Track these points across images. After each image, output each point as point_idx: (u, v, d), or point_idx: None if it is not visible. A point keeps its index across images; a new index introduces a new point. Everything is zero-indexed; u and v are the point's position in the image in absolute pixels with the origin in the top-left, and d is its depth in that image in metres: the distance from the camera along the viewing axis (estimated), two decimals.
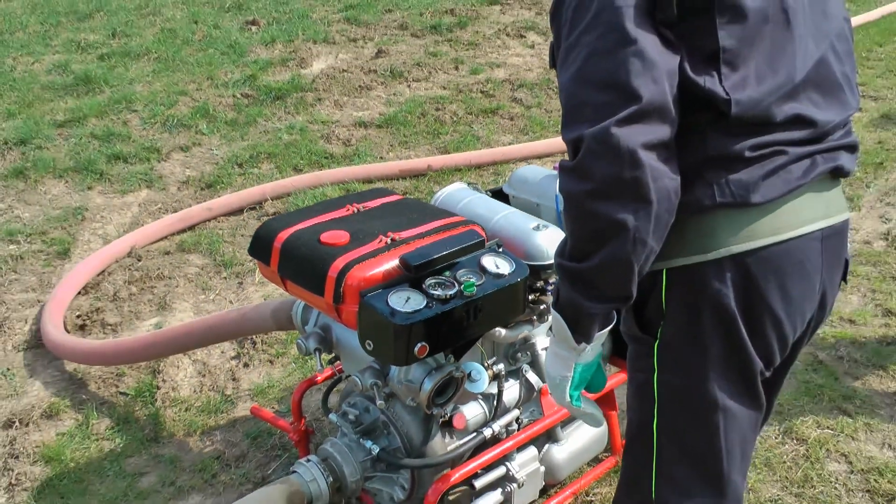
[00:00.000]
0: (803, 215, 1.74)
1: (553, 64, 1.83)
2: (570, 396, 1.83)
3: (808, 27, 1.75)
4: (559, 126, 1.70)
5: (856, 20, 8.26)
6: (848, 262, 1.92)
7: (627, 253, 1.58)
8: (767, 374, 1.84)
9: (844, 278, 1.92)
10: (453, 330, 2.28)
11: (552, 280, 2.59)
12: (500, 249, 2.44)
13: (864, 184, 5.22)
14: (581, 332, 1.72)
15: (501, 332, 2.55)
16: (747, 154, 1.67)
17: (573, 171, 1.57)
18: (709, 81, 1.63)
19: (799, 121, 1.71)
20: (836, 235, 1.81)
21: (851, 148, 1.83)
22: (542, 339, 2.70)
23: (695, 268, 1.73)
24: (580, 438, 2.84)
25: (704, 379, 1.78)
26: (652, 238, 1.58)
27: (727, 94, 1.63)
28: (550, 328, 1.82)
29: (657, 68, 1.55)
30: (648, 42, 1.56)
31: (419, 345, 2.19)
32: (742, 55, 1.66)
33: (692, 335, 1.77)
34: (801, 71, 1.72)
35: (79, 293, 4.13)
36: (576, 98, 1.61)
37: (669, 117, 1.57)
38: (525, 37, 7.73)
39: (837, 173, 1.79)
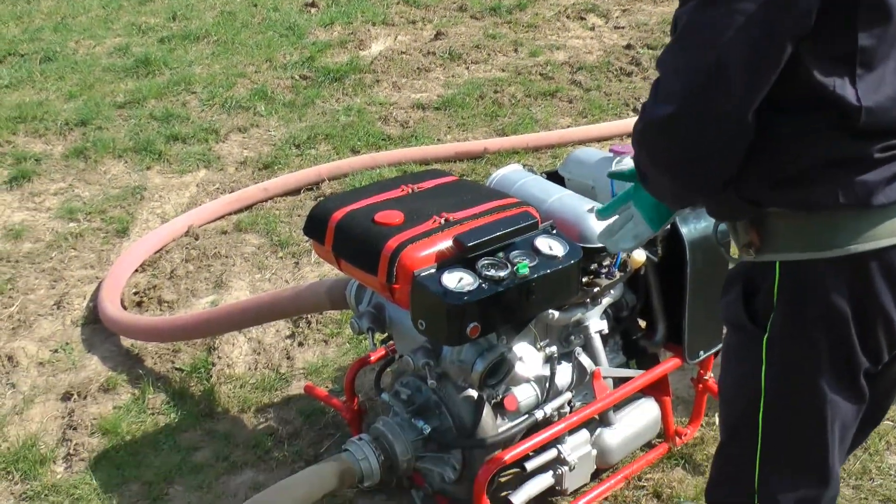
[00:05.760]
0: None
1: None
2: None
3: None
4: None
5: None
6: None
7: None
8: (874, 370, 1.81)
9: None
10: (506, 311, 2.28)
11: (605, 263, 2.56)
12: (554, 231, 2.43)
13: None
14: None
15: (554, 314, 2.53)
16: (876, 156, 1.65)
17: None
18: (839, 86, 1.60)
19: None
20: None
21: None
22: (595, 322, 2.68)
23: (810, 264, 1.73)
24: (633, 423, 2.81)
25: (815, 373, 1.77)
26: None
27: (858, 101, 1.60)
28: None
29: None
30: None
31: (471, 325, 2.19)
32: (879, 56, 1.62)
33: (802, 329, 1.76)
34: None
35: (136, 270, 4.19)
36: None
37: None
38: (585, 19, 7.64)
39: None
